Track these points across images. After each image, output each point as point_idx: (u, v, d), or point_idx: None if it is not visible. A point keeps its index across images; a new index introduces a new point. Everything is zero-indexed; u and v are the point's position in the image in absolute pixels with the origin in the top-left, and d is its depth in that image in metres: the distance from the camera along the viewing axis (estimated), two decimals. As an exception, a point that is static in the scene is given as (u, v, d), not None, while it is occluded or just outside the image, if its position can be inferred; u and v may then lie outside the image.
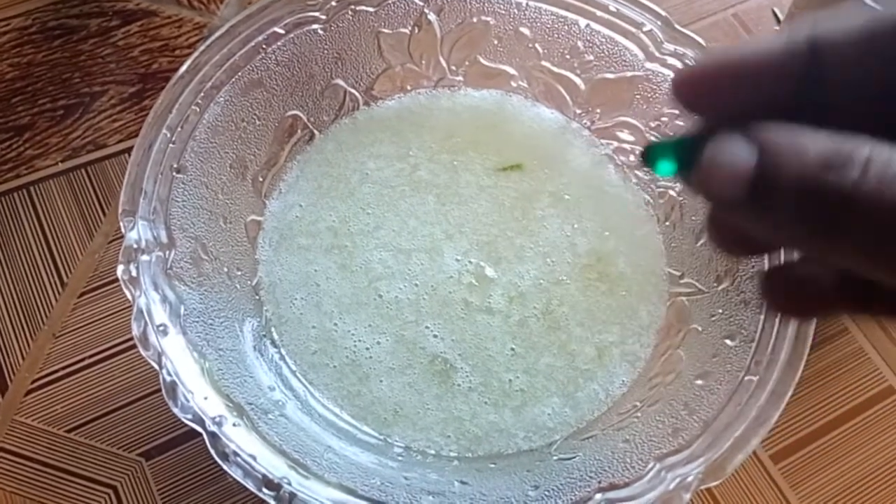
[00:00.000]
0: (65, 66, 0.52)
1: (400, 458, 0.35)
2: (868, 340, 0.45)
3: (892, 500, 0.41)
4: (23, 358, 0.43)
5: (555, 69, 0.43)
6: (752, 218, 0.18)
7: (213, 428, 0.30)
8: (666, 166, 0.21)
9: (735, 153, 0.18)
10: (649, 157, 0.21)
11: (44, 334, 0.44)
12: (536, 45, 0.42)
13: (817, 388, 0.43)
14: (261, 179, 0.41)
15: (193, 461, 0.40)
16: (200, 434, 0.30)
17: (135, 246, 0.33)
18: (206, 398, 0.31)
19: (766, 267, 0.20)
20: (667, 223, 0.41)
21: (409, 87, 0.44)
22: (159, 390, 0.31)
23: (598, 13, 0.40)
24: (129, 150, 0.49)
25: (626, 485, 0.31)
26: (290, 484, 0.29)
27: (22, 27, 0.53)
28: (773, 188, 0.17)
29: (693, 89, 0.20)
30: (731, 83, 0.19)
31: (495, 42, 0.43)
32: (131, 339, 0.42)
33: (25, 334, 0.43)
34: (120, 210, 0.34)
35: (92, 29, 0.54)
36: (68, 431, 0.41)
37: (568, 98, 0.43)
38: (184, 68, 0.37)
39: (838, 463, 0.42)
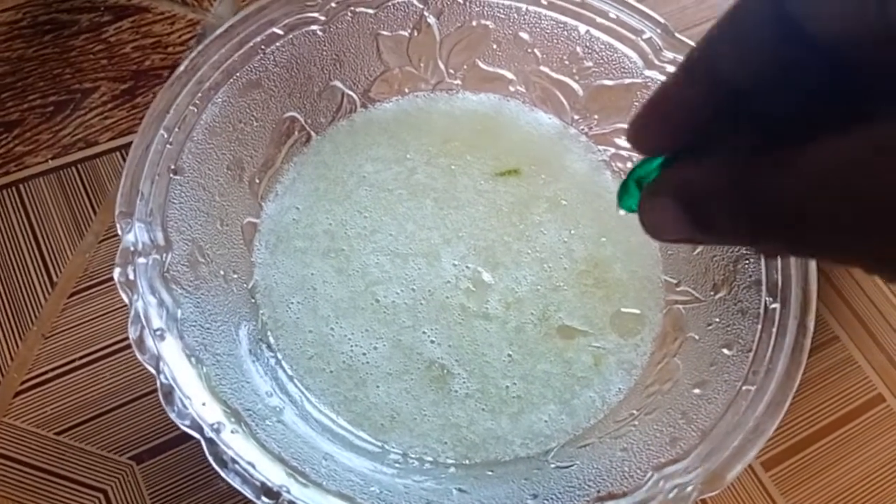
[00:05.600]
0: (55, 61, 0.51)
1: (397, 464, 0.35)
2: (858, 349, 0.45)
3: (881, 507, 0.41)
4: (11, 359, 0.42)
5: (553, 74, 0.43)
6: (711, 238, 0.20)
7: (212, 434, 0.29)
8: (626, 204, 0.25)
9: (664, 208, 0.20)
10: (618, 197, 0.25)
11: (33, 335, 0.43)
12: (535, 49, 0.42)
13: (808, 396, 0.44)
14: (257, 181, 0.40)
15: (185, 465, 0.40)
16: (192, 437, 0.30)
17: (132, 248, 0.32)
18: (203, 404, 0.30)
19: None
20: (663, 231, 0.41)
21: (406, 90, 0.44)
22: (151, 393, 0.30)
23: (598, 19, 0.40)
24: (120, 148, 0.49)
25: (625, 494, 0.31)
26: (289, 492, 0.29)
27: (12, 21, 0.52)
28: (709, 210, 0.19)
29: (636, 135, 0.22)
30: (658, 122, 0.22)
31: (494, 46, 0.43)
32: (122, 340, 0.43)
33: (14, 335, 0.43)
34: (117, 212, 0.33)
35: (83, 24, 0.53)
36: (58, 434, 0.40)
37: (566, 103, 0.43)
38: (181, 68, 0.36)
39: (829, 470, 0.42)
